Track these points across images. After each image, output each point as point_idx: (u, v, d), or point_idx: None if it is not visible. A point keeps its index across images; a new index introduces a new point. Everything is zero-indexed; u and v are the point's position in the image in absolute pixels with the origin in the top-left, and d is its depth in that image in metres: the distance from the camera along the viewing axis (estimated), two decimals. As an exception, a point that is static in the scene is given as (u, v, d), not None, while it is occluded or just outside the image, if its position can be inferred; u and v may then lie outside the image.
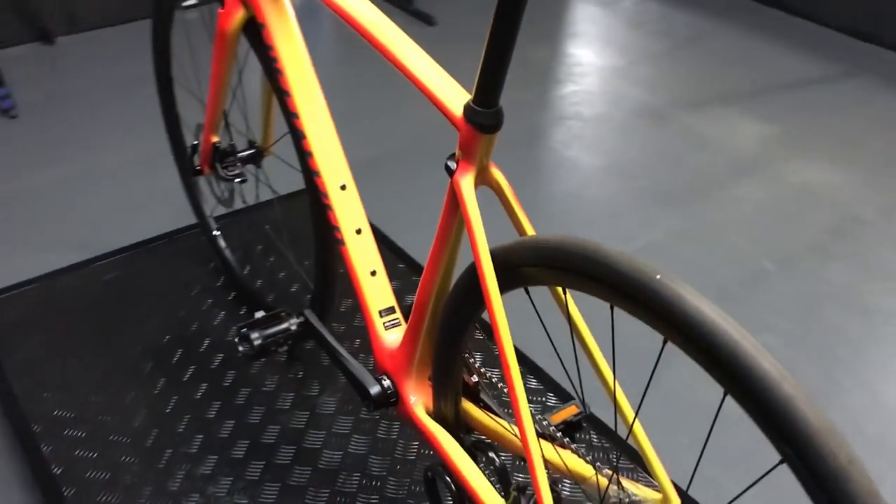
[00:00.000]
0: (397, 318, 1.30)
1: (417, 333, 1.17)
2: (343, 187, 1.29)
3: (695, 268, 2.19)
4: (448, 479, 1.16)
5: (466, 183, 0.95)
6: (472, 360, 1.19)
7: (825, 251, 2.28)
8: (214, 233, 1.93)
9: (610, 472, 1.07)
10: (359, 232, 1.29)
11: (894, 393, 1.83)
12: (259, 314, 1.39)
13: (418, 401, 1.24)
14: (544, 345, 1.12)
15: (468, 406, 1.21)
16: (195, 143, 1.66)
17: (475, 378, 1.21)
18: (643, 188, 2.52)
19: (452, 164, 0.96)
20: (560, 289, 0.99)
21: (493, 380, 1.24)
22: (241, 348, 1.36)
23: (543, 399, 1.67)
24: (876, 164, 2.67)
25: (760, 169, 2.64)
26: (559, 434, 1.12)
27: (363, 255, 1.29)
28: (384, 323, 1.28)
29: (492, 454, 1.18)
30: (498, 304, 0.92)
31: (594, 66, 3.23)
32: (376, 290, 1.29)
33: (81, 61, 3.09)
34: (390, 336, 1.28)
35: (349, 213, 1.28)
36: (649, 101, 2.98)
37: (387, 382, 1.25)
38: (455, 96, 0.97)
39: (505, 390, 1.01)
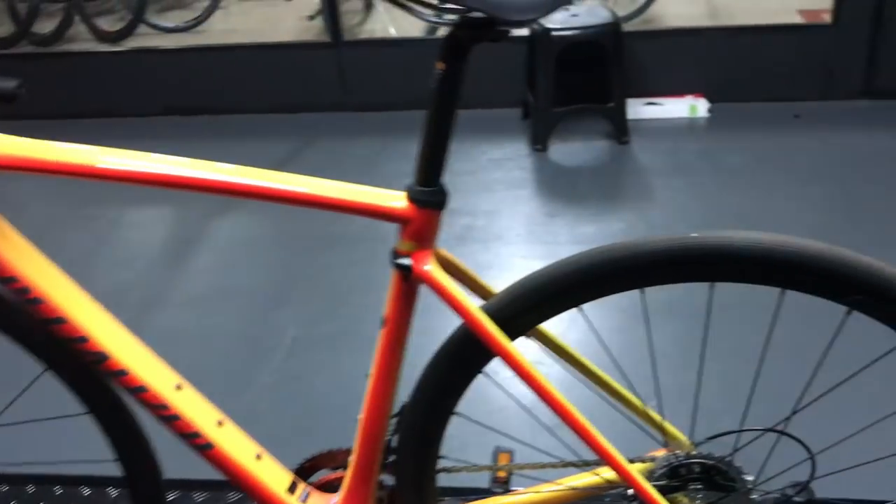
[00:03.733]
0: (304, 487, 1.13)
1: (370, 471, 1.06)
2: (178, 387, 1.07)
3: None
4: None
5: (432, 266, 0.92)
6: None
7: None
8: None
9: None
10: (220, 424, 1.08)
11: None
12: None
13: (386, 544, 1.11)
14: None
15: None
16: None
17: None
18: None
19: (406, 260, 0.91)
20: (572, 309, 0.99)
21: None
22: None
23: None
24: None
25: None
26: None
27: (239, 444, 1.09)
28: (299, 498, 1.11)
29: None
30: (527, 363, 0.91)
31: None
32: (272, 473, 1.11)
33: None
34: (314, 507, 1.11)
35: (200, 409, 1.07)
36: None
37: (344, 554, 1.10)
38: (383, 195, 0.92)
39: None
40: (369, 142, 3.51)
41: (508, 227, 2.81)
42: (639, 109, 3.47)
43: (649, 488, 0.93)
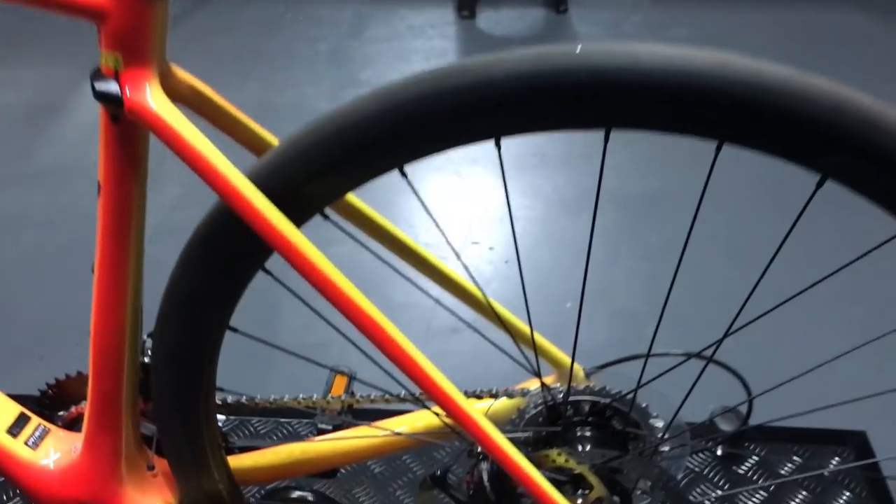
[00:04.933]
0: (41, 425, 0.80)
1: (113, 404, 0.73)
2: None
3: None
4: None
5: (155, 93, 0.56)
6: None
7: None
8: None
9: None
10: None
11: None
12: None
13: (156, 504, 0.80)
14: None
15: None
16: None
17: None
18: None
19: (109, 84, 0.55)
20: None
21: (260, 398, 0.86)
22: None
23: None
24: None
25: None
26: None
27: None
28: (26, 442, 0.78)
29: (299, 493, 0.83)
30: (314, 254, 0.58)
31: None
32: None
33: None
34: (48, 454, 0.79)
35: None
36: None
37: (89, 518, 0.78)
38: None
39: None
40: (270, 2, 3.05)
41: (421, 103, 2.44)
42: (580, -26, 3.06)
43: (498, 438, 0.61)
